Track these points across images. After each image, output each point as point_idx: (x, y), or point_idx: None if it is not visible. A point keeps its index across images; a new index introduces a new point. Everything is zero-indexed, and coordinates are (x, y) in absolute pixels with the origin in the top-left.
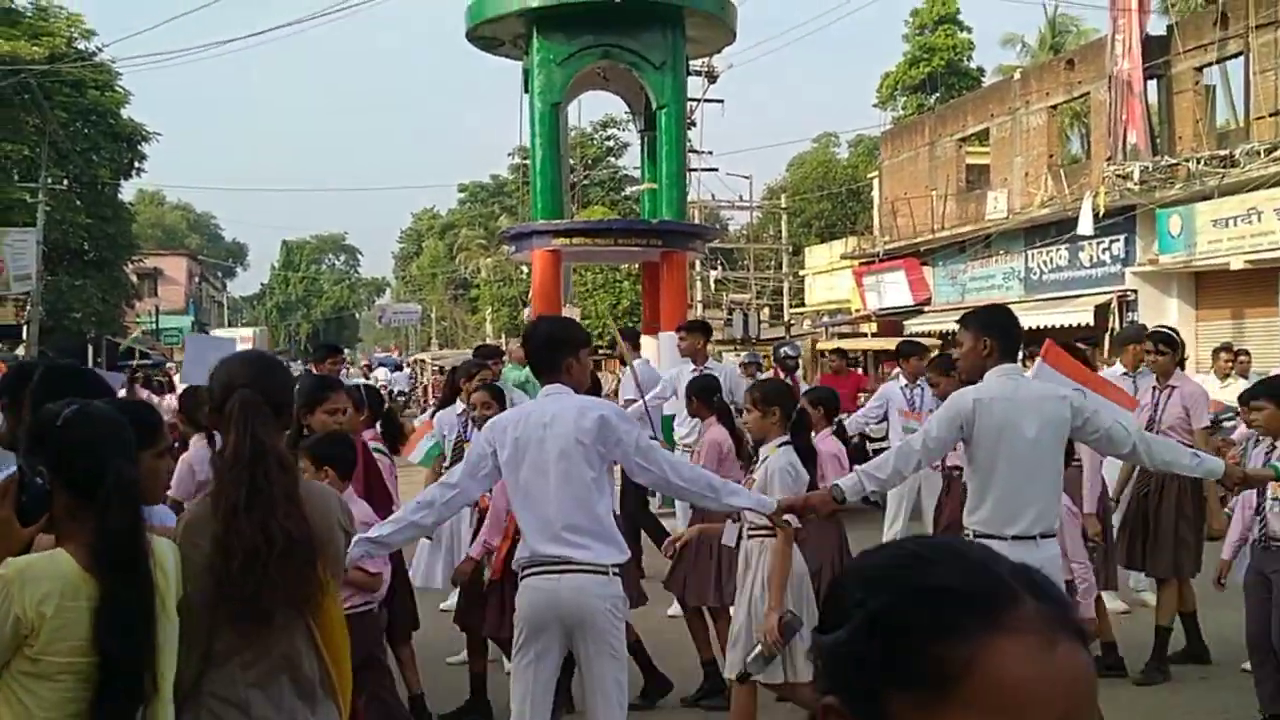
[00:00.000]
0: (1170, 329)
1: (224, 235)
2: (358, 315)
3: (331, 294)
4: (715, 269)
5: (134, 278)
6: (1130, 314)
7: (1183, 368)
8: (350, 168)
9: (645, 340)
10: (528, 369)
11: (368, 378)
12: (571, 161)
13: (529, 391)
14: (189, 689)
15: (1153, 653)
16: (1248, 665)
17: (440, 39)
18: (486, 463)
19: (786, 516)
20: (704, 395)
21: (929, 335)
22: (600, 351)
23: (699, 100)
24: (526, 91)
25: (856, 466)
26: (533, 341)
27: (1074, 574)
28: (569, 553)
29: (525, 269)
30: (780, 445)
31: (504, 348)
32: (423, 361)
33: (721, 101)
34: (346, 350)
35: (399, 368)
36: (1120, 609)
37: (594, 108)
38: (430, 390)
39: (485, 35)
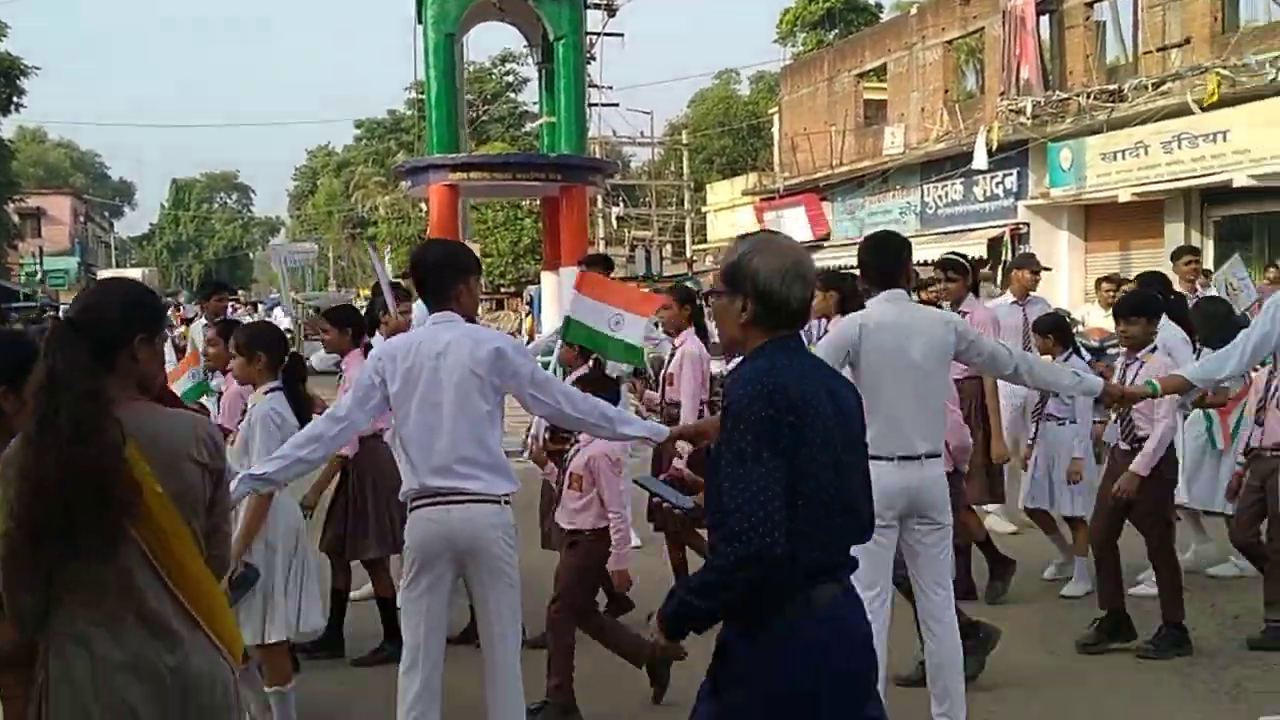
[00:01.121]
0: (959, 255)
1: (110, 174)
2: (252, 255)
3: (224, 234)
4: (617, 206)
5: (15, 218)
6: (1022, 246)
7: (977, 293)
8: (241, 103)
9: (545, 276)
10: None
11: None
12: (470, 97)
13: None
14: (37, 626)
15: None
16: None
17: None
18: (375, 393)
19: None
20: None
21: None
22: (502, 290)
23: (598, 34)
24: (420, 22)
25: None
26: (422, 266)
27: (610, 523)
28: (460, 484)
29: (424, 207)
30: (268, 391)
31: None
32: (298, 302)
33: (621, 35)
34: (241, 291)
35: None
36: (1009, 529)
37: (493, 42)
38: (302, 328)
39: None
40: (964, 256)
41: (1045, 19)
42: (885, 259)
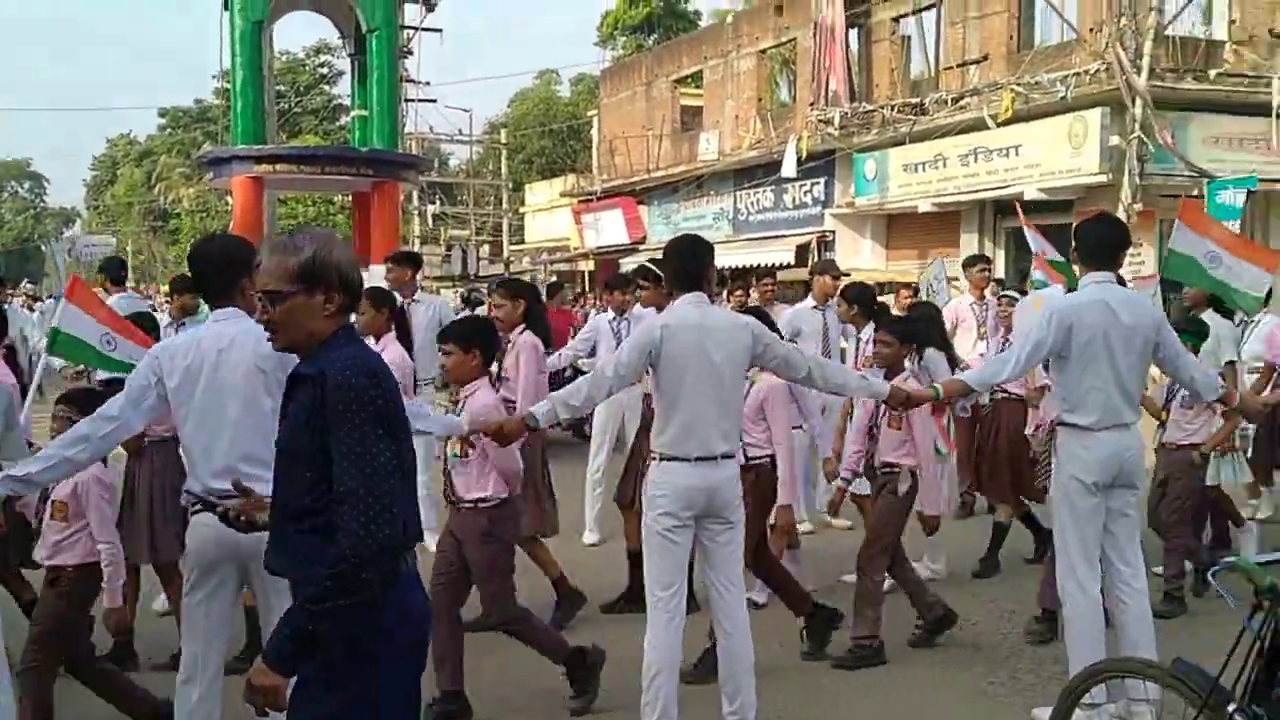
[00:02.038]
0: (652, 264)
1: None
2: (44, 248)
3: (14, 224)
4: (434, 204)
5: None
6: (828, 253)
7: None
8: (35, 86)
9: None
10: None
11: (33, 309)
12: (282, 88)
13: None
14: None
15: None
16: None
17: None
18: (150, 393)
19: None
20: None
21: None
22: None
23: (416, 29)
24: (227, 9)
25: (551, 393)
26: (202, 262)
27: (102, 556)
28: (245, 486)
29: (230, 200)
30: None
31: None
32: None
33: (440, 31)
34: (31, 284)
35: None
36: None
37: (309, 33)
38: None
39: None
40: (652, 265)
41: (854, 32)
42: (688, 263)
